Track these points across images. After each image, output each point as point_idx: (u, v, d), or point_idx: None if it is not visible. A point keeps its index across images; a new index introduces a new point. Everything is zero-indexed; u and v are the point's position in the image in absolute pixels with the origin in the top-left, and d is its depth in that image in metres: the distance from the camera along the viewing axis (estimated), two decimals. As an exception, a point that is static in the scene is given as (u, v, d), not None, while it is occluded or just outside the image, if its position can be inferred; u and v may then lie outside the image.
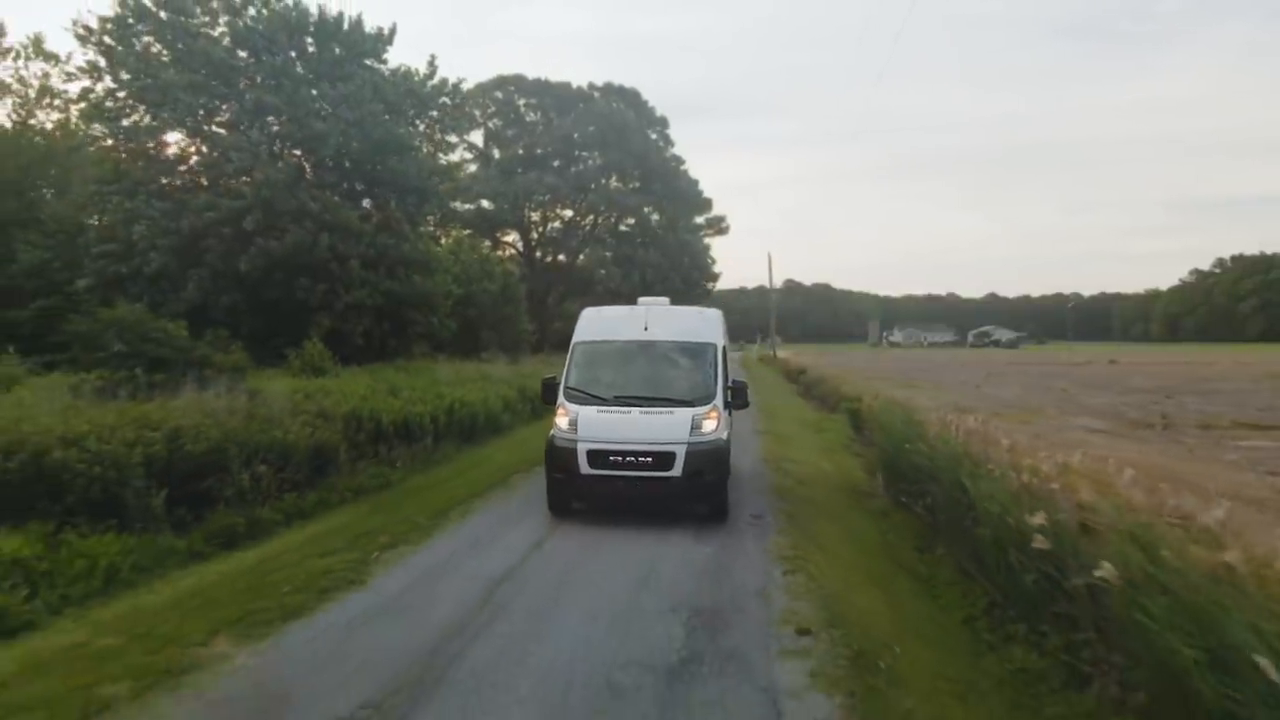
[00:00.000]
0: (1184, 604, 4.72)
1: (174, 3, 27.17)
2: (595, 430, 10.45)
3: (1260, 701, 4.06)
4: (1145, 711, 4.99)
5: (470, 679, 5.81)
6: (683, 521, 10.43)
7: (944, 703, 5.66)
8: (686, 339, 11.50)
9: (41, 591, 7.27)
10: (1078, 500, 6.69)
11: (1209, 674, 4.37)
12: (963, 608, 7.83)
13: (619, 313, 12.69)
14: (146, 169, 27.15)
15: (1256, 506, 11.02)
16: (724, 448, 10.62)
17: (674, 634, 6.69)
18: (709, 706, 5.41)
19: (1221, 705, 4.26)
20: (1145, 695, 4.99)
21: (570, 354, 11.66)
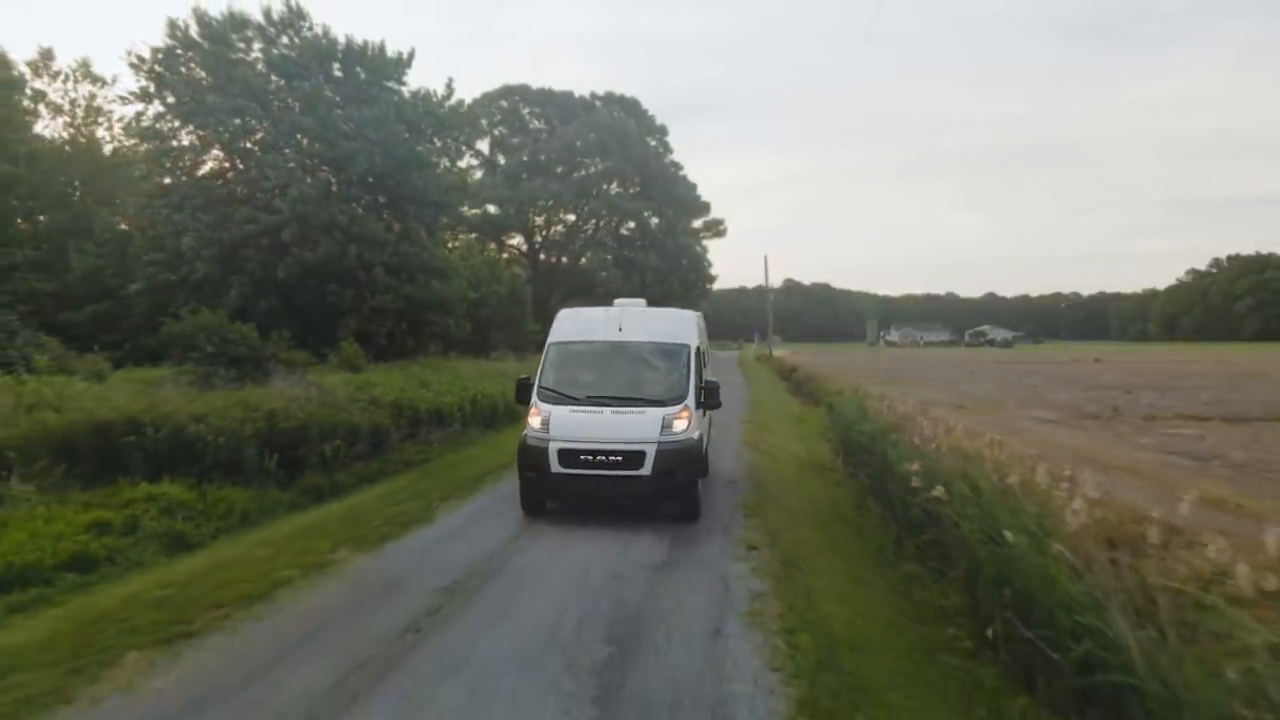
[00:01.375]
0: (978, 508, 7.46)
1: (216, 34, 29.95)
2: (566, 430, 10.57)
3: (1010, 561, 6.75)
4: (961, 580, 7.73)
5: (518, 572, 8.57)
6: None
7: (840, 586, 8.40)
8: (660, 340, 11.63)
9: (200, 523, 10.01)
10: (946, 455, 9.43)
11: (986, 547, 7.10)
12: (877, 540, 10.54)
13: (594, 314, 12.80)
14: (191, 185, 29.91)
15: (1131, 473, 13.82)
16: (695, 447, 10.77)
17: (660, 549, 9.44)
18: (681, 584, 8.15)
19: (995, 569, 6.96)
20: (960, 569, 7.73)
21: (544, 354, 11.91)
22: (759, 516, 11.18)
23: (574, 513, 10.96)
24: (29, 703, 5.39)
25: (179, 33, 29.51)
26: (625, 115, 69.67)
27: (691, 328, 12.18)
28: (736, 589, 8.02)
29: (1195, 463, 16.29)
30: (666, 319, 12.53)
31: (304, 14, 31.37)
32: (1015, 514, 7.17)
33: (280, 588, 7.83)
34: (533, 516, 10.89)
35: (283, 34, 31.39)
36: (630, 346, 11.62)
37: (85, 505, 9.53)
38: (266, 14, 30.91)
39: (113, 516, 9.29)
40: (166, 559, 8.96)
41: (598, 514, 10.80)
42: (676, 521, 10.67)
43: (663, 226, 69.72)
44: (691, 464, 10.64)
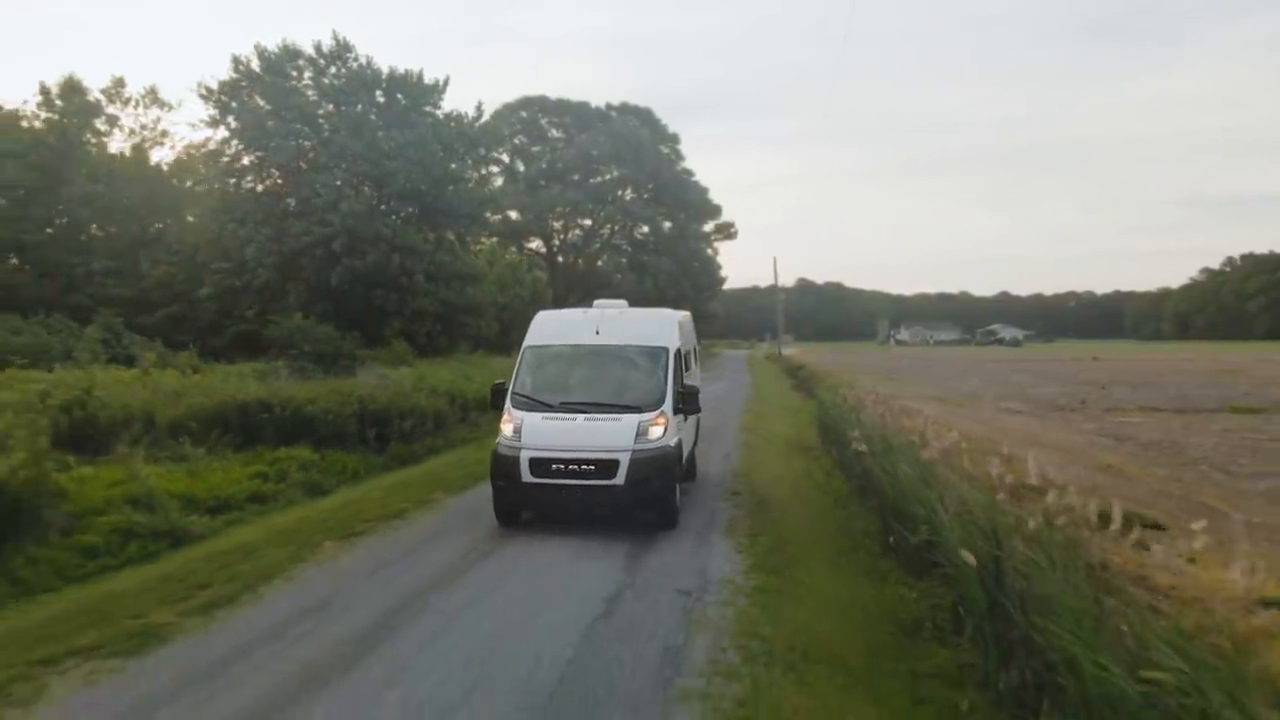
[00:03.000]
0: (886, 457, 10.73)
1: (274, 66, 33.54)
2: (538, 438, 10.31)
3: (907, 494, 9.96)
4: (875, 508, 11.00)
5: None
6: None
7: (797, 518, 11.66)
8: (638, 343, 11.37)
9: (325, 477, 13.40)
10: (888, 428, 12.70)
11: (895, 485, 10.35)
12: (835, 493, 13.76)
13: (571, 316, 12.50)
14: (252, 200, 33.49)
15: (1057, 449, 17.13)
16: (672, 454, 10.48)
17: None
18: (690, 501, 11.44)
19: (897, 503, 10.19)
20: (877, 501, 11.00)
21: (519, 359, 11.64)
22: (746, 478, 14.46)
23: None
24: (280, 564, 8.77)
25: (241, 67, 33.13)
26: (639, 124, 73.05)
27: (672, 330, 11.83)
28: (720, 516, 11.36)
29: (1114, 442, 19.51)
30: (646, 321, 12.16)
31: (350, 46, 34.99)
32: (912, 462, 10.44)
33: (402, 514, 11.22)
34: (506, 526, 10.64)
35: (331, 65, 34.98)
36: (607, 350, 11.36)
37: (245, 462, 12.95)
38: (317, 47, 34.54)
39: (267, 469, 12.71)
40: (310, 499, 12.37)
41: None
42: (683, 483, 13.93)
43: (675, 231, 73.05)
44: (667, 472, 10.34)
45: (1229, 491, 13.26)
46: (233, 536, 10.13)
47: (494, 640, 6.67)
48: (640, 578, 8.46)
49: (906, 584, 8.59)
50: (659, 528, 10.38)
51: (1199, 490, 13.21)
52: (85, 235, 37.12)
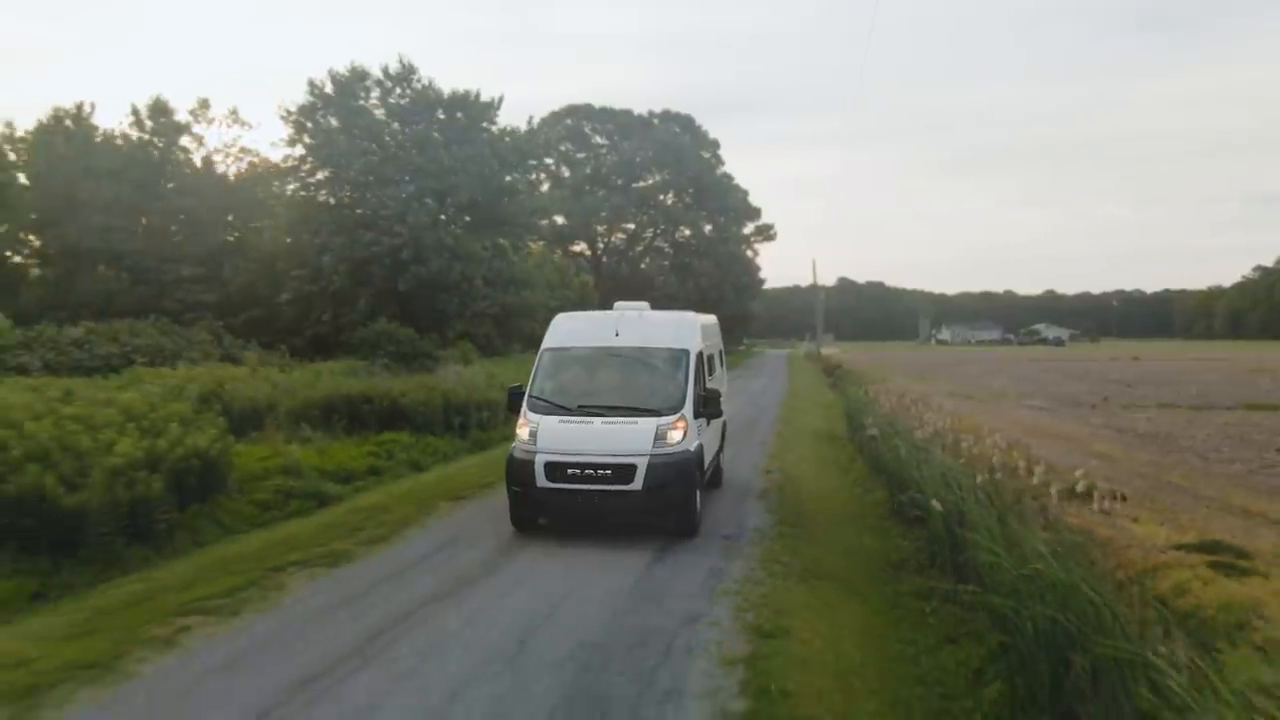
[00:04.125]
0: (894, 438, 12.98)
1: (346, 89, 36.52)
2: (554, 442, 10.11)
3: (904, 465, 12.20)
4: (884, 481, 13.24)
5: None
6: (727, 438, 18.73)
7: (820, 490, 13.93)
8: (657, 345, 11.16)
9: (421, 456, 15.98)
10: (896, 417, 14.92)
11: (896, 459, 12.60)
12: (855, 475, 15.99)
13: (591, 318, 12.40)
14: (326, 212, 36.49)
15: (1062, 438, 19.19)
16: (691, 459, 10.21)
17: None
18: (726, 486, 13.80)
19: (897, 473, 12.43)
20: (885, 478, 13.24)
21: (538, 360, 11.49)
22: (778, 460, 16.77)
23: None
24: (411, 516, 11.31)
25: (316, 90, 36.14)
26: (680, 131, 75.44)
27: (693, 332, 11.60)
28: (755, 487, 13.73)
29: (1115, 434, 21.41)
30: (666, 323, 11.96)
31: (414, 69, 37.90)
32: (911, 444, 12.69)
33: (491, 485, 13.67)
34: (523, 531, 10.49)
35: (397, 86, 37.89)
36: (626, 352, 11.16)
37: (357, 444, 15.58)
38: (385, 70, 37.48)
39: (377, 449, 15.32)
40: (413, 474, 14.95)
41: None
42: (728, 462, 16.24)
43: (715, 233, 75.31)
44: (687, 478, 10.08)
45: (1198, 473, 15.25)
46: (363, 499, 12.72)
47: (584, 562, 9.11)
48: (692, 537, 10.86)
49: (902, 536, 10.85)
50: (678, 535, 10.14)
51: (1170, 472, 15.23)
52: (174, 244, 40.40)
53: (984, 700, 5.97)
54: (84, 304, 36.08)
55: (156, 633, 6.81)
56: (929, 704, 5.93)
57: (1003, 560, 6.61)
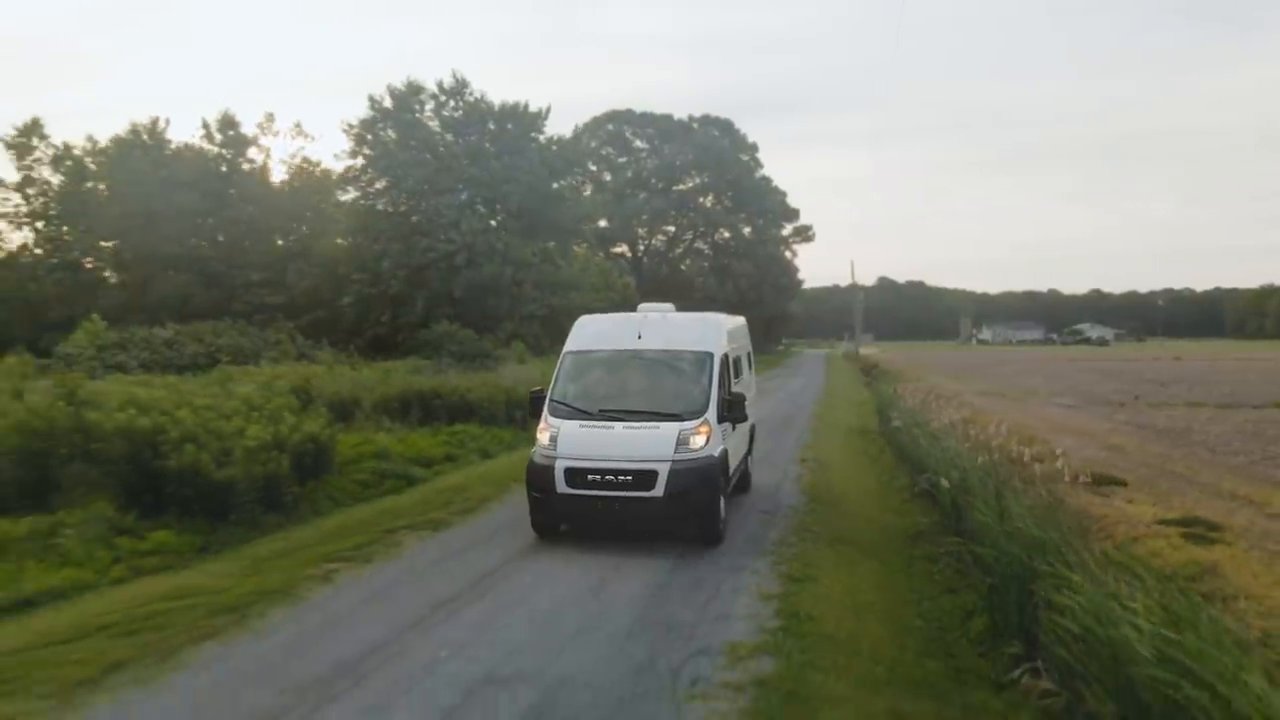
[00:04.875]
0: (915, 429, 14.47)
1: (404, 103, 38.68)
2: (574, 447, 9.97)
3: (921, 450, 13.69)
4: (907, 468, 14.73)
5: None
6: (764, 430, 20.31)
7: (849, 476, 15.45)
8: (681, 348, 10.94)
9: (490, 445, 17.78)
10: (922, 413, 16.39)
11: (915, 446, 14.09)
12: (882, 463, 17.47)
13: (613, 320, 12.14)
14: (384, 219, 38.69)
15: (1081, 433, 20.43)
16: (715, 465, 9.99)
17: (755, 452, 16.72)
18: (768, 465, 15.37)
19: (915, 458, 13.93)
20: (908, 465, 14.72)
21: (559, 364, 11.36)
22: (813, 450, 18.30)
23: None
24: (491, 494, 13.08)
25: (376, 105, 38.37)
26: (720, 135, 76.96)
27: (717, 334, 11.35)
28: (791, 473, 15.30)
29: (1134, 429, 22.55)
30: (690, 325, 11.72)
31: (467, 83, 40.04)
32: (928, 434, 14.18)
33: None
34: (544, 538, 10.33)
35: (451, 99, 39.98)
36: (649, 355, 10.94)
37: (431, 434, 17.43)
38: (439, 85, 39.67)
39: (449, 439, 17.17)
40: (483, 460, 16.76)
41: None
42: (766, 449, 17.80)
43: (754, 235, 76.70)
44: (710, 484, 9.86)
45: (1201, 463, 16.49)
46: (445, 481, 14.52)
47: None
48: (737, 505, 12.46)
49: (921, 514, 12.35)
50: (701, 543, 9.91)
51: (1175, 462, 16.49)
52: (241, 250, 42.95)
53: (971, 630, 7.51)
54: (160, 307, 38.71)
55: (312, 573, 8.62)
56: (926, 633, 7.48)
57: (991, 521, 8.14)
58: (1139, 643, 4.43)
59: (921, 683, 6.31)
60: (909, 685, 6.23)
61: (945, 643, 7.27)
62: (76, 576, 8.45)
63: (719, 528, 10.18)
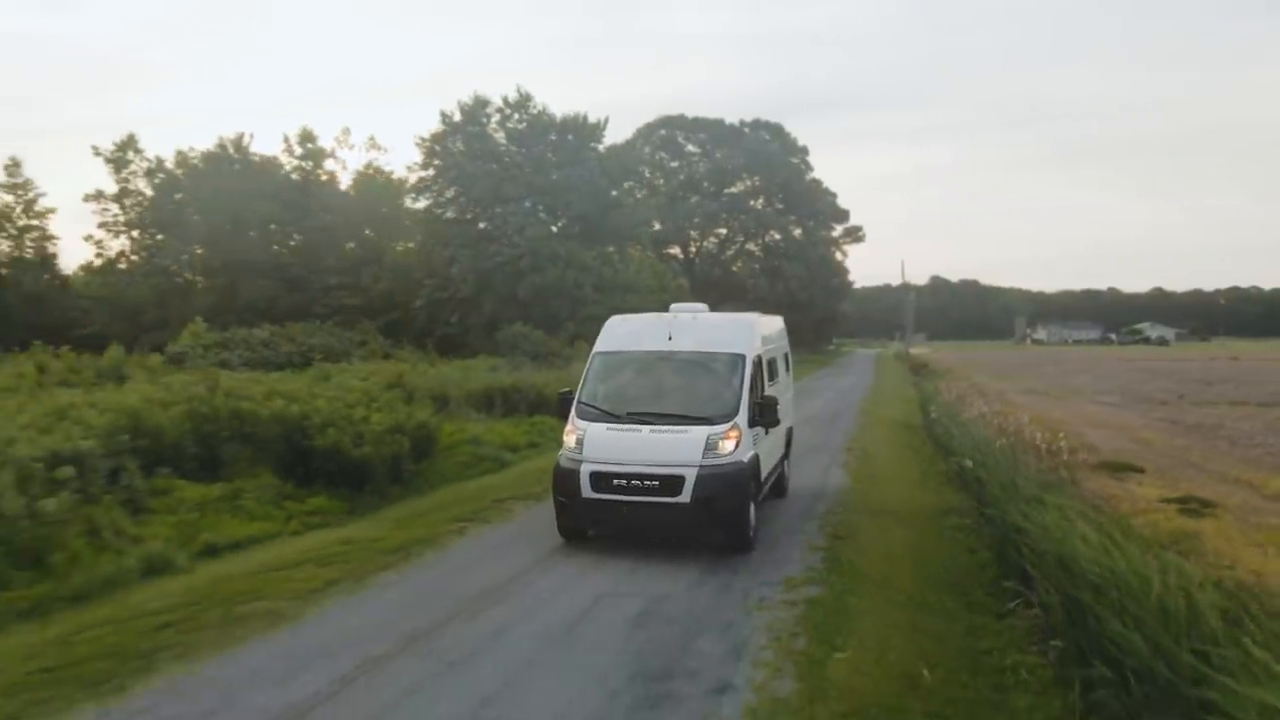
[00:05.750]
0: (948, 420, 16.16)
1: (472, 117, 41.13)
2: (600, 450, 9.85)
3: (951, 436, 15.38)
4: (943, 453, 16.42)
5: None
6: (813, 424, 22.06)
7: (890, 463, 17.18)
8: (711, 349, 10.76)
9: (545, 440, 19.83)
10: (957, 406, 18.06)
11: (947, 434, 15.78)
12: (922, 454, 19.12)
13: (643, 321, 11.82)
14: (454, 227, 41.19)
15: (1115, 428, 21.84)
16: (745, 471, 9.80)
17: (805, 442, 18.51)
18: (816, 453, 17.19)
19: (947, 444, 15.63)
20: (944, 454, 16.42)
21: (587, 366, 11.27)
22: (858, 441, 20.02)
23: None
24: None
25: (447, 119, 40.89)
26: (770, 138, 78.40)
27: (750, 335, 11.14)
28: (838, 461, 17.08)
29: (1168, 424, 23.84)
30: (722, 326, 11.53)
31: (530, 96, 42.35)
32: (959, 424, 15.86)
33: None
34: (569, 541, 10.23)
35: (515, 113, 42.34)
36: (678, 357, 10.74)
37: (514, 424, 19.55)
38: (504, 99, 42.00)
39: (530, 428, 19.27)
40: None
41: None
42: (817, 438, 19.60)
43: (805, 237, 77.98)
44: (739, 490, 9.66)
45: (1219, 455, 17.90)
46: (531, 464, 16.58)
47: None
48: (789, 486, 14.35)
49: (952, 493, 14.07)
50: (730, 551, 9.73)
51: (1194, 453, 17.92)
52: (319, 256, 45.90)
53: (983, 578, 9.25)
54: (247, 309, 41.77)
55: (447, 529, 10.75)
56: (945, 578, 9.26)
57: (998, 491, 9.92)
58: (1080, 553, 6.24)
59: (937, 608, 8.13)
60: (926, 609, 8.06)
61: (960, 585, 9.04)
62: (264, 528, 10.68)
63: (749, 536, 9.92)
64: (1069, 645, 6.22)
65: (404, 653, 6.65)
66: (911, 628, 7.48)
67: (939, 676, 6.35)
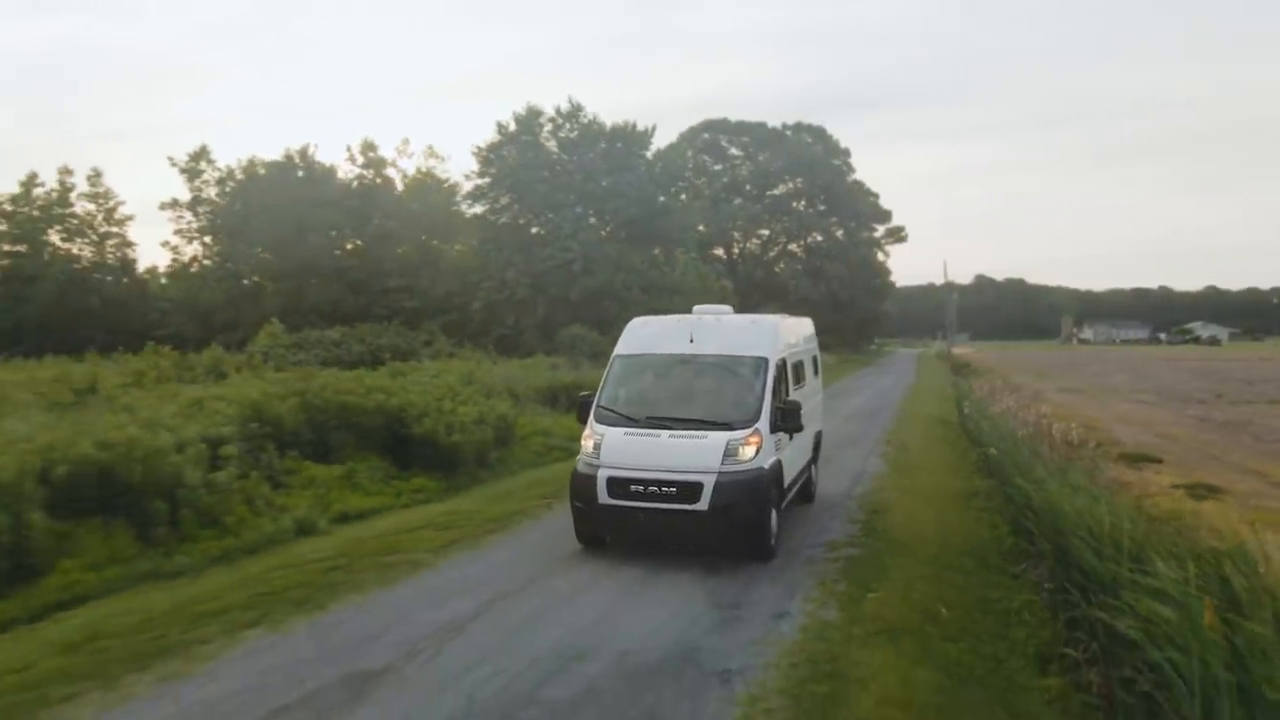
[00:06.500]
0: (977, 414, 17.57)
1: (527, 127, 43.10)
2: (617, 456, 9.72)
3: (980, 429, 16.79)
4: (975, 450, 17.84)
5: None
6: (854, 420, 23.52)
7: (925, 454, 18.61)
8: (733, 352, 10.61)
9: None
10: (986, 402, 19.45)
11: (977, 426, 17.20)
12: (960, 445, 20.49)
13: (665, 323, 11.63)
14: (509, 232, 43.21)
15: (1142, 425, 23.01)
16: (765, 478, 9.61)
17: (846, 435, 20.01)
18: (856, 445, 18.69)
19: (977, 436, 17.04)
20: (975, 446, 17.83)
21: (607, 369, 11.22)
22: (896, 435, 21.45)
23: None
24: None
25: (503, 130, 42.95)
26: (812, 141, 79.59)
27: (773, 338, 10.93)
28: (876, 451, 18.57)
29: (1197, 421, 24.87)
30: (745, 328, 11.28)
31: (581, 107, 44.21)
32: (987, 417, 17.26)
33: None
34: (588, 548, 10.14)
35: (567, 122, 44.21)
36: (699, 360, 10.61)
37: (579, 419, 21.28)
38: (557, 109, 43.96)
39: (593, 422, 21.00)
40: (621, 439, 20.53)
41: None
42: (861, 432, 21.07)
43: (847, 238, 79.01)
44: (758, 497, 9.46)
45: (1240, 449, 19.05)
46: (595, 453, 18.32)
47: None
48: (832, 470, 15.87)
49: (979, 479, 15.53)
50: (750, 560, 9.55)
51: (1216, 447, 19.08)
52: (379, 260, 48.26)
53: (1002, 547, 10.75)
54: (313, 311, 44.18)
55: (536, 503, 12.56)
56: (967, 546, 10.76)
57: (1014, 472, 11.41)
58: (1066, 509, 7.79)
59: (957, 567, 9.68)
60: (948, 567, 9.62)
61: (979, 551, 10.56)
62: (379, 501, 12.57)
63: (769, 544, 9.71)
64: (1057, 586, 7.77)
65: (525, 590, 8.42)
66: (934, 580, 9.04)
67: (954, 613, 7.93)
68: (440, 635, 7.09)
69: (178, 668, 6.34)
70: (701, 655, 6.75)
